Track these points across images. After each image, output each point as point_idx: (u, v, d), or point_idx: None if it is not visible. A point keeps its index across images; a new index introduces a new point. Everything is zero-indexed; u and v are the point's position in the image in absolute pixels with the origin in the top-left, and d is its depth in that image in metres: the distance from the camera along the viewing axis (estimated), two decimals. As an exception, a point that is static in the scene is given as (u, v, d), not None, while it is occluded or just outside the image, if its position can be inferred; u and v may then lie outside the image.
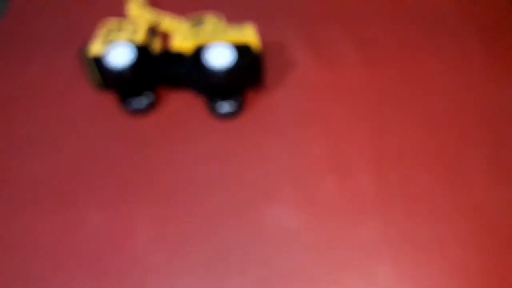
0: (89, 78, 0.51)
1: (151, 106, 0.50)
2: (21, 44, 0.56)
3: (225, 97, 0.48)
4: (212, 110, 0.49)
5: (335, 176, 0.46)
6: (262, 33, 0.52)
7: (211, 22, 0.51)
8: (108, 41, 0.48)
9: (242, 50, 0.47)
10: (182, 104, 0.51)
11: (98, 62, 0.48)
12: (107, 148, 0.48)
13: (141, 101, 0.49)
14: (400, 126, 0.48)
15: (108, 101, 0.51)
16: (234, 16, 0.55)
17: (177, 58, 0.48)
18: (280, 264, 0.42)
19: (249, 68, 0.48)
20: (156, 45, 0.51)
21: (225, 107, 0.49)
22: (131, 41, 0.49)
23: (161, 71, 0.49)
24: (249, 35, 0.49)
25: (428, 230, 0.43)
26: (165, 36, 0.52)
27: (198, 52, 0.47)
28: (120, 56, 0.47)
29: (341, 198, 0.45)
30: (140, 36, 0.49)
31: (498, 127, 0.48)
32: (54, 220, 0.44)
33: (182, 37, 0.49)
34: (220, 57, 0.47)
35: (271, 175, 0.46)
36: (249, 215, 0.44)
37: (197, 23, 0.51)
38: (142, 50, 0.48)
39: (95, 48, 0.48)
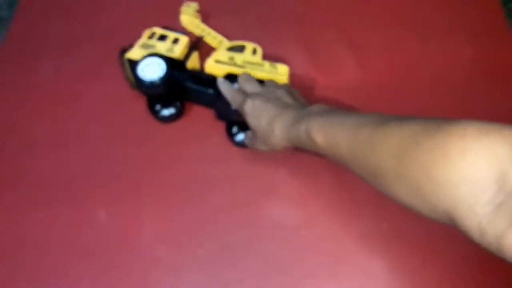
0: (126, 77, 0.52)
1: (179, 115, 0.51)
2: (31, 46, 0.57)
3: (244, 129, 0.49)
4: (230, 137, 0.50)
5: (332, 174, 0.47)
6: (261, 39, 0.52)
7: (249, 51, 0.51)
8: (147, 48, 0.50)
9: None
10: (185, 107, 0.52)
11: (133, 67, 0.49)
12: (115, 148, 0.50)
13: (169, 110, 0.51)
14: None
15: (116, 103, 0.53)
16: (235, 23, 0.56)
17: (207, 80, 0.49)
18: (279, 258, 0.44)
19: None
20: (193, 61, 0.51)
21: (241, 135, 0.50)
22: (169, 52, 0.50)
23: (189, 90, 0.50)
24: (282, 74, 0.49)
25: (423, 227, 0.44)
26: (202, 55, 0.53)
27: (227, 79, 0.48)
28: (153, 68, 0.48)
29: (338, 195, 0.46)
30: (179, 49, 0.50)
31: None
32: (65, 217, 0.47)
33: (217, 58, 0.50)
34: None
35: (271, 174, 0.48)
36: (249, 212, 0.46)
37: (237, 48, 0.51)
38: (176, 65, 0.49)
39: (133, 53, 0.49)
